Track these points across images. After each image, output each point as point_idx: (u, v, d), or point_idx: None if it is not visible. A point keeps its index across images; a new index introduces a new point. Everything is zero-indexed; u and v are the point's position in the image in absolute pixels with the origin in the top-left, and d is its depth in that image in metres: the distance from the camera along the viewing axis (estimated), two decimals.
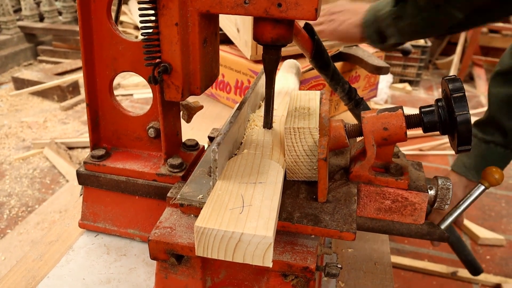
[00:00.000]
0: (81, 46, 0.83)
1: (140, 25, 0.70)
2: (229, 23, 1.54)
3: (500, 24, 5.07)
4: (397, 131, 0.71)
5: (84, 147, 3.45)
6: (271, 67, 0.76)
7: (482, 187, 0.80)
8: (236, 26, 1.47)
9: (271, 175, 0.69)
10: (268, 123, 0.83)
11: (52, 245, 0.94)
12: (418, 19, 1.12)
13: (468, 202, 0.80)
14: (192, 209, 0.71)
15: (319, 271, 0.67)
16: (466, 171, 1.17)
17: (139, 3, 0.68)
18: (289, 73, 1.19)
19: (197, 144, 0.95)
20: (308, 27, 1.00)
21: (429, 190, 0.75)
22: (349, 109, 1.20)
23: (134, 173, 0.88)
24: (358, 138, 0.79)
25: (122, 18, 5.83)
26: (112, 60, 0.85)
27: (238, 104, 0.80)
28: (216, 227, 0.57)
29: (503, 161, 1.17)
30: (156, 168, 0.87)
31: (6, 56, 5.22)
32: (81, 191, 0.97)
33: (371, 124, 0.72)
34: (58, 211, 2.60)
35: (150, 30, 0.70)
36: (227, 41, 1.60)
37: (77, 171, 0.91)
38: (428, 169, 3.20)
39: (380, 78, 1.79)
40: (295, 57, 1.41)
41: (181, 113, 0.93)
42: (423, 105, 0.73)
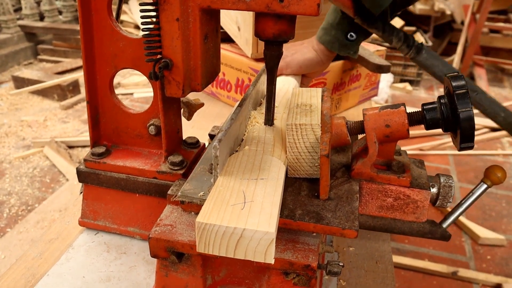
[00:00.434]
0: (82, 43, 0.82)
1: (141, 21, 0.70)
2: (230, 21, 1.54)
3: (501, 24, 5.08)
4: (399, 128, 0.70)
5: (84, 146, 3.45)
6: (273, 64, 0.75)
7: (485, 186, 0.79)
8: (237, 24, 1.47)
9: (273, 172, 0.68)
10: (270, 120, 0.83)
11: (52, 243, 0.94)
12: None
13: (471, 201, 0.79)
14: (193, 207, 0.71)
15: (321, 269, 0.66)
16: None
17: None
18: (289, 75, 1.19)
19: (198, 142, 0.94)
20: None
21: (431, 188, 0.74)
22: (411, 59, 1.11)
23: (135, 171, 0.87)
24: (360, 135, 0.79)
25: (123, 17, 5.83)
26: (113, 57, 0.84)
27: (239, 102, 0.80)
28: (218, 223, 0.57)
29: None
30: (157, 166, 0.87)
31: (6, 55, 5.22)
32: (81, 189, 0.97)
33: (373, 121, 0.71)
34: (58, 210, 2.60)
35: (151, 26, 0.70)
36: (228, 39, 1.60)
37: (77, 169, 0.91)
38: (429, 169, 3.18)
39: (381, 78, 1.79)
40: None
41: (182, 111, 0.93)
42: (426, 102, 0.73)
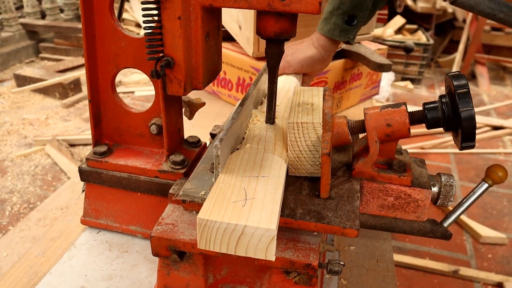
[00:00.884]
0: (84, 42, 0.82)
1: (143, 19, 0.70)
2: (231, 20, 1.54)
3: None
4: (401, 128, 0.70)
5: (86, 144, 3.45)
6: (274, 62, 0.75)
7: (486, 185, 0.79)
8: (238, 23, 1.47)
9: (274, 169, 0.69)
10: (271, 118, 0.83)
11: (54, 242, 0.94)
12: None
13: (472, 200, 0.79)
14: (195, 206, 0.71)
15: (322, 268, 0.66)
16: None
17: None
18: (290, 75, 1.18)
19: (199, 141, 0.94)
20: None
21: (432, 187, 0.75)
22: (451, 3, 1.07)
23: (136, 170, 0.88)
24: (361, 135, 0.79)
25: (124, 16, 5.82)
26: (114, 56, 0.84)
27: (241, 101, 0.80)
28: (219, 220, 0.57)
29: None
30: (158, 165, 0.87)
31: (8, 53, 5.23)
32: (83, 188, 0.97)
33: (374, 121, 0.71)
34: (60, 208, 2.61)
35: (153, 24, 0.70)
36: (229, 38, 1.60)
37: (79, 168, 0.91)
38: (430, 167, 3.18)
39: (382, 76, 1.79)
40: None
41: (183, 110, 0.93)
42: (427, 101, 0.73)
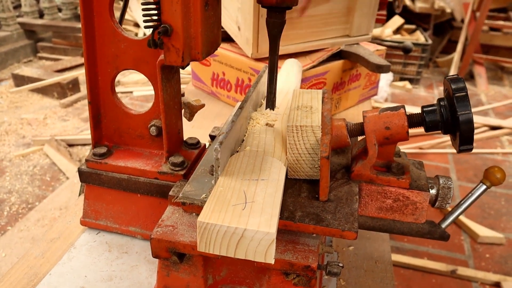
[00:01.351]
0: (83, 44, 0.83)
1: None
2: (230, 21, 1.54)
3: (501, 22, 5.07)
4: (399, 131, 0.71)
5: (84, 144, 3.45)
6: (276, 32, 0.74)
7: (484, 187, 0.80)
8: (237, 24, 1.47)
9: (273, 172, 0.69)
10: (271, 101, 0.81)
11: (54, 243, 0.94)
12: None
13: (470, 201, 0.80)
14: (194, 208, 0.71)
15: (321, 270, 0.67)
16: None
17: None
18: (291, 72, 1.19)
19: (199, 143, 0.95)
20: None
21: (430, 189, 0.75)
22: None
23: (136, 171, 0.88)
24: (360, 137, 0.79)
25: None
26: (114, 58, 0.85)
27: (240, 103, 0.80)
28: (219, 223, 0.57)
29: None
30: (158, 166, 0.87)
31: (6, 53, 5.22)
32: (81, 191, 0.97)
33: (373, 123, 0.72)
34: (59, 208, 2.61)
35: None
36: (228, 39, 1.60)
37: (79, 169, 0.91)
38: (428, 168, 3.20)
39: (381, 76, 1.79)
40: (296, 56, 1.42)
41: (183, 111, 0.93)
42: (425, 104, 0.73)
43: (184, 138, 0.94)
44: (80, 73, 4.56)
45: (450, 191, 0.75)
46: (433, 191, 0.75)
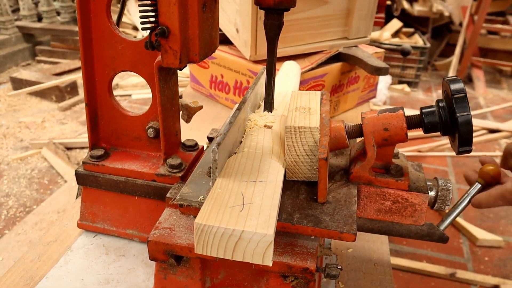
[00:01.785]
0: (80, 46, 0.82)
1: None
2: (228, 23, 1.54)
3: (499, 26, 5.08)
4: (398, 132, 0.70)
5: (82, 148, 3.44)
6: (273, 34, 0.74)
7: (479, 186, 0.82)
8: (235, 26, 1.47)
9: (272, 174, 0.69)
10: (269, 103, 0.81)
11: (51, 246, 0.94)
12: None
13: (466, 202, 0.81)
14: (192, 210, 0.71)
15: (319, 272, 0.66)
16: None
17: None
18: (289, 74, 1.18)
19: (196, 144, 0.94)
20: None
21: (429, 191, 0.75)
22: None
23: (133, 173, 0.87)
24: (358, 139, 0.79)
25: None
26: (112, 60, 0.84)
27: (238, 104, 0.80)
28: (217, 224, 0.57)
29: None
30: (155, 168, 0.87)
31: (4, 56, 5.21)
32: (78, 194, 0.96)
33: (372, 125, 0.72)
34: (56, 212, 2.60)
35: None
36: (226, 41, 1.60)
37: (76, 171, 0.91)
38: (427, 170, 3.19)
39: (379, 79, 1.79)
40: (294, 58, 1.41)
41: (181, 113, 0.93)
42: (424, 106, 0.73)
43: (182, 140, 0.94)
44: (79, 77, 4.55)
45: (449, 193, 0.75)
46: (432, 193, 0.75)
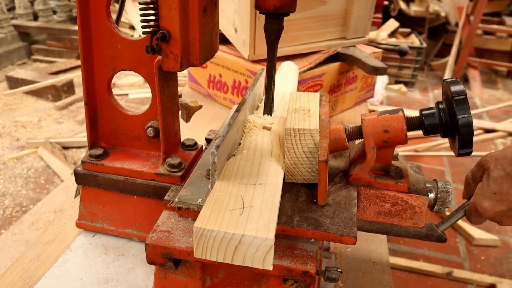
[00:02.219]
0: (80, 45, 0.82)
1: None
2: (227, 23, 1.54)
3: (495, 26, 5.10)
4: (398, 134, 0.70)
5: (79, 147, 3.43)
6: (273, 38, 0.73)
7: None
8: (234, 26, 1.47)
9: (271, 176, 0.68)
10: (268, 107, 0.81)
11: (49, 245, 0.93)
12: None
13: None
14: (190, 213, 0.70)
15: (319, 275, 0.66)
16: None
17: None
18: (287, 74, 1.18)
19: (196, 144, 0.94)
20: None
21: (429, 193, 0.75)
22: None
23: (133, 173, 0.87)
24: (358, 140, 0.79)
25: None
26: (111, 59, 0.84)
27: (237, 106, 0.79)
28: (216, 228, 0.57)
29: None
30: (155, 168, 0.87)
31: (0, 55, 5.18)
32: (77, 193, 0.96)
33: (372, 127, 0.71)
34: (53, 211, 2.59)
35: None
36: (225, 41, 1.60)
37: (75, 171, 0.91)
38: (423, 170, 3.20)
39: (376, 79, 1.79)
40: (292, 58, 1.41)
41: (180, 113, 0.93)
42: (424, 108, 0.73)
43: (181, 140, 0.94)
44: (75, 76, 4.54)
45: (449, 195, 0.74)
46: (432, 195, 0.75)
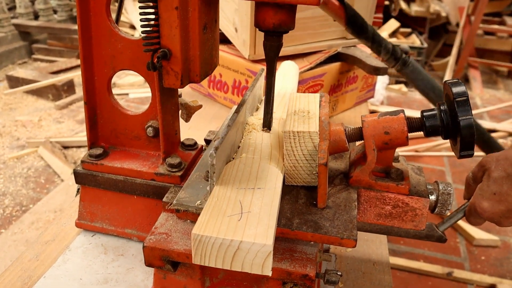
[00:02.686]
0: (80, 44, 0.82)
1: (140, 10, 0.69)
2: (227, 23, 1.53)
3: (496, 26, 5.09)
4: (399, 135, 0.70)
5: (79, 147, 3.43)
6: (273, 54, 0.74)
7: None
8: (234, 26, 1.46)
9: (270, 180, 0.68)
10: (267, 121, 0.81)
11: (49, 245, 0.93)
12: None
13: None
14: (189, 215, 0.70)
15: (318, 278, 0.66)
16: None
17: None
18: (287, 74, 1.18)
19: (196, 144, 0.94)
20: None
21: (430, 195, 0.74)
22: (397, 71, 1.12)
23: (132, 172, 0.87)
24: (358, 142, 0.78)
25: None
26: (111, 58, 0.84)
27: (236, 107, 0.79)
28: (214, 235, 0.56)
29: None
30: (155, 168, 0.87)
31: (0, 54, 5.18)
32: (77, 191, 0.96)
33: (372, 128, 0.71)
34: (53, 211, 2.58)
35: (150, 16, 0.69)
36: (225, 41, 1.60)
37: (75, 170, 0.90)
38: (424, 170, 3.19)
39: (376, 79, 1.79)
40: (293, 58, 1.41)
41: (180, 112, 0.92)
42: (425, 109, 0.72)
43: (181, 139, 0.93)
44: (76, 75, 4.53)
45: (450, 197, 0.74)
46: (433, 197, 0.74)
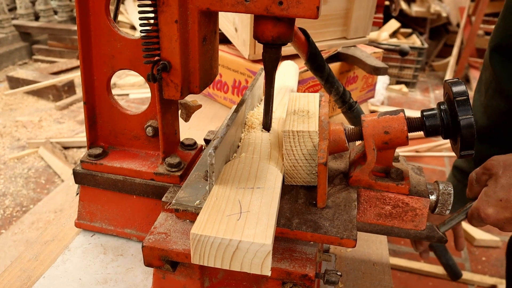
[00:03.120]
0: (79, 43, 0.82)
1: (140, 22, 0.69)
2: (227, 23, 1.53)
3: None
4: (399, 135, 0.70)
5: (80, 147, 3.43)
6: (271, 66, 0.75)
7: None
8: (234, 26, 1.46)
9: (270, 180, 0.68)
10: (268, 123, 0.82)
11: (48, 245, 0.93)
12: None
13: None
14: (188, 215, 0.70)
15: (318, 278, 0.66)
16: None
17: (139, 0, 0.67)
18: (287, 73, 1.18)
19: (195, 144, 0.94)
20: (303, 29, 1.00)
21: (430, 195, 0.74)
22: (342, 112, 1.21)
23: (132, 172, 0.87)
24: (358, 142, 0.78)
25: (119, 18, 5.80)
26: (110, 58, 0.84)
27: (236, 106, 0.79)
28: (213, 235, 0.56)
29: None
30: (154, 167, 0.86)
31: (1, 55, 5.19)
32: (77, 191, 0.96)
33: (372, 128, 0.71)
34: (53, 211, 2.59)
35: (150, 28, 0.69)
36: (225, 41, 1.60)
37: (74, 170, 0.90)
38: (424, 171, 3.19)
39: (377, 80, 1.79)
40: (293, 57, 1.41)
41: (180, 112, 0.92)
42: (425, 109, 0.72)
43: (181, 139, 0.93)
44: (76, 76, 4.54)
45: (450, 197, 0.74)
46: (433, 197, 0.74)
